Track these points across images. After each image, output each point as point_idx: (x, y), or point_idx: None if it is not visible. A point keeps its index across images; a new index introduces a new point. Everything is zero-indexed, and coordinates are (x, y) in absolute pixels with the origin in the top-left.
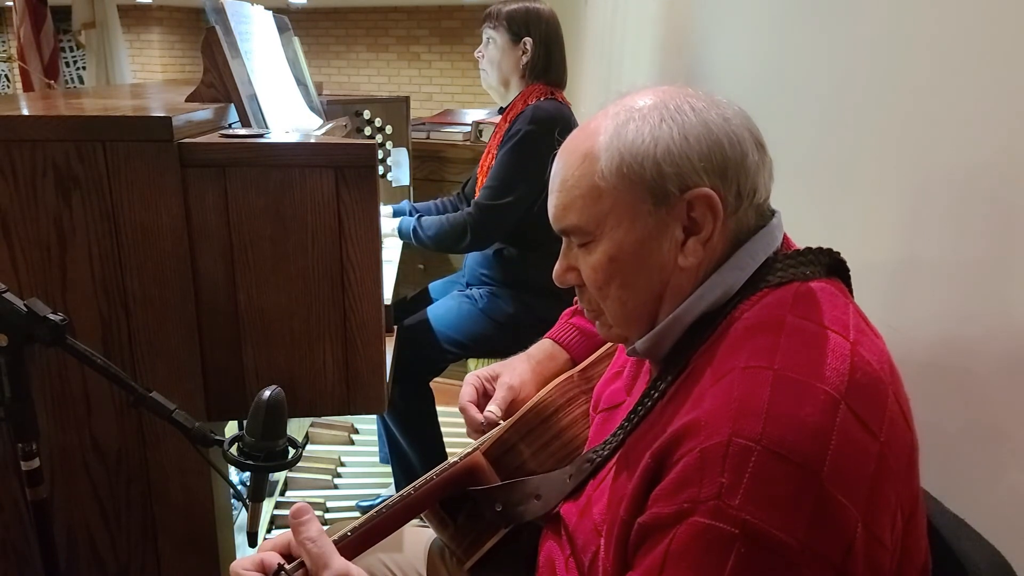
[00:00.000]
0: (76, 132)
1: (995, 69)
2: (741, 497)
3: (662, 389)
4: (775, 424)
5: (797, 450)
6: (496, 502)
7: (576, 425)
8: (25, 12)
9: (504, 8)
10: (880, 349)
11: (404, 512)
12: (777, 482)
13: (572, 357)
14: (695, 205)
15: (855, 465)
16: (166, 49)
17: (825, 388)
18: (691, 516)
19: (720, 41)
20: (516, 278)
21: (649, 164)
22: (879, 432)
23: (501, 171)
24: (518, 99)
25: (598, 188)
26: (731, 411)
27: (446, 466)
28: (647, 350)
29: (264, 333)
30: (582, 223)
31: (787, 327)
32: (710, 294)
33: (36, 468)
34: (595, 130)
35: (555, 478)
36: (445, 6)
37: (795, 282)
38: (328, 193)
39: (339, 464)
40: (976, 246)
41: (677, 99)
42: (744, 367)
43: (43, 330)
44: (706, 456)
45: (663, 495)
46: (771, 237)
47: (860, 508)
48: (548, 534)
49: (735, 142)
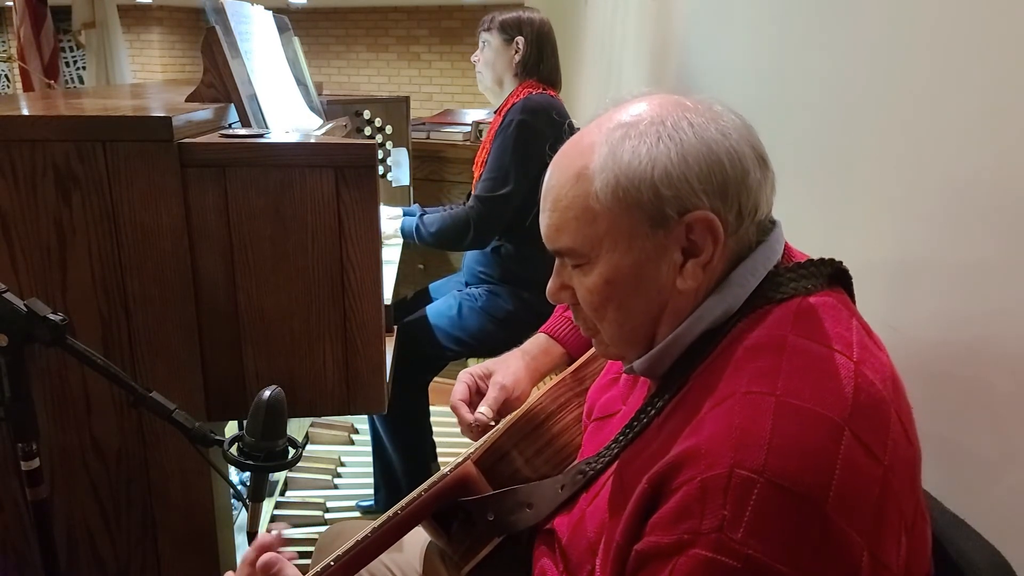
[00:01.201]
0: (76, 132)
1: (995, 70)
2: (744, 531)
3: (659, 407)
4: (778, 455)
5: (801, 481)
6: (488, 511)
7: (569, 431)
8: (25, 12)
9: (499, 15)
10: (883, 363)
11: (392, 533)
12: (781, 515)
13: (567, 351)
14: (694, 228)
15: (859, 493)
16: (166, 49)
17: (828, 415)
18: (692, 548)
19: (721, 42)
20: (514, 274)
21: (646, 187)
22: (883, 456)
23: (497, 162)
24: (511, 96)
25: (592, 211)
26: (732, 440)
27: (435, 480)
28: (645, 370)
29: (264, 333)
30: (576, 246)
31: (789, 348)
32: (709, 314)
33: (36, 468)
34: (589, 147)
35: (546, 487)
36: (445, 6)
37: (797, 297)
38: (328, 193)
39: (339, 464)
40: (976, 247)
41: (675, 114)
42: (745, 392)
43: (43, 330)
44: (707, 487)
45: (661, 524)
46: (771, 251)
47: (866, 537)
48: (542, 548)
49: (736, 160)
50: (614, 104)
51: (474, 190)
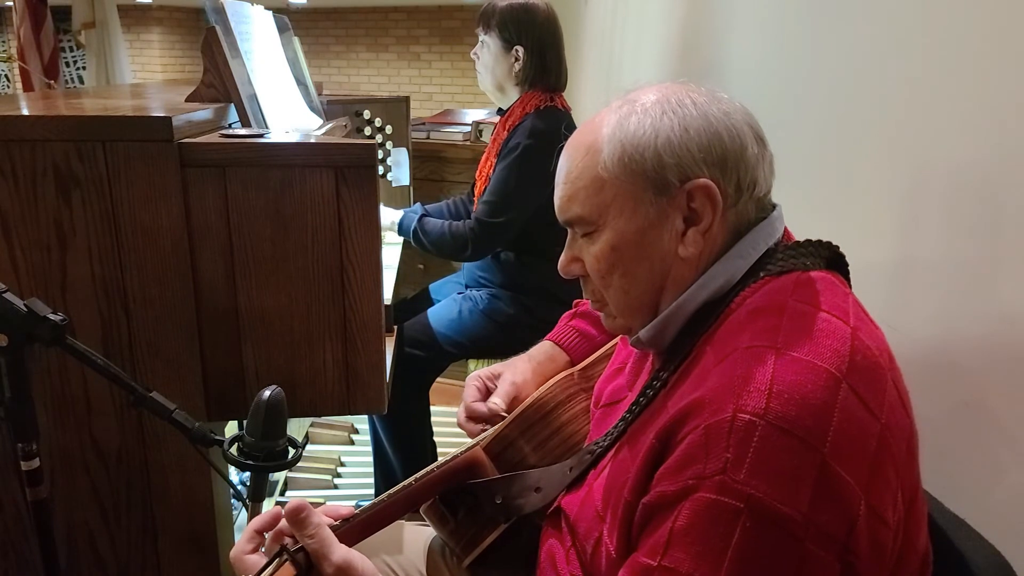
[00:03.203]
0: (76, 132)
1: (995, 70)
2: (746, 471)
3: (664, 379)
4: (779, 400)
5: (801, 425)
6: (496, 494)
7: (576, 421)
8: (25, 12)
9: (498, 6)
10: (879, 337)
11: (405, 502)
12: (782, 456)
13: (572, 359)
14: (695, 195)
15: (857, 442)
16: (166, 49)
17: (826, 367)
18: (696, 492)
19: (721, 42)
20: (514, 281)
21: (650, 154)
22: (879, 413)
23: (500, 187)
24: (516, 105)
25: (601, 179)
26: (735, 388)
27: (447, 460)
28: (651, 339)
29: (264, 333)
30: (585, 213)
31: (789, 310)
32: (712, 283)
33: (36, 468)
34: (599, 124)
35: (555, 471)
36: (445, 6)
37: (796, 271)
38: (328, 193)
39: (339, 464)
40: (975, 246)
41: (679, 94)
42: (747, 347)
43: (43, 330)
44: (710, 432)
45: (668, 473)
46: (772, 228)
47: (862, 485)
48: (549, 530)
49: (735, 135)
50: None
51: (476, 204)
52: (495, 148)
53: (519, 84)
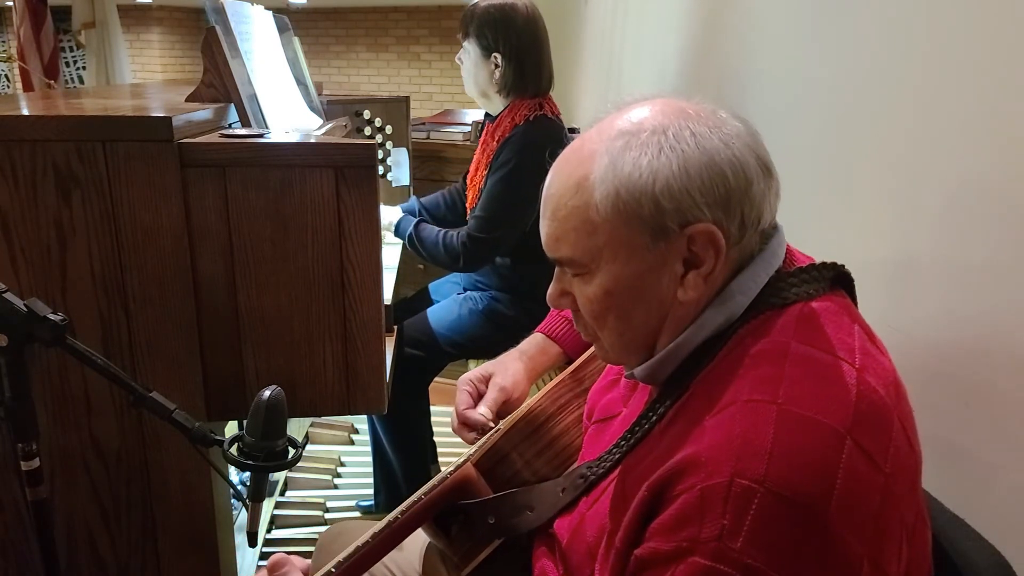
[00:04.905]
0: (76, 132)
1: (995, 71)
2: (743, 540)
3: (661, 413)
4: (779, 464)
5: (802, 491)
6: (489, 515)
7: (569, 433)
8: (25, 12)
9: (477, 10)
10: (886, 368)
11: (391, 538)
12: (781, 525)
13: (564, 350)
14: (696, 240)
15: (861, 502)
16: (166, 49)
17: (830, 423)
18: (691, 556)
19: (721, 42)
20: (511, 286)
21: (647, 200)
22: (884, 464)
23: (491, 204)
24: (505, 115)
25: (592, 222)
26: (733, 449)
27: (435, 483)
28: (646, 377)
29: (264, 333)
30: (576, 256)
31: (791, 355)
32: (711, 323)
33: (36, 468)
34: (590, 156)
35: (547, 490)
36: (445, 6)
37: (799, 303)
38: (328, 193)
39: (339, 464)
40: (976, 246)
41: (677, 123)
42: (747, 400)
43: (43, 330)
44: (707, 495)
45: (661, 530)
46: (773, 256)
47: (867, 545)
48: (542, 549)
49: (739, 171)
50: (615, 108)
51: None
52: (485, 159)
53: (500, 91)
